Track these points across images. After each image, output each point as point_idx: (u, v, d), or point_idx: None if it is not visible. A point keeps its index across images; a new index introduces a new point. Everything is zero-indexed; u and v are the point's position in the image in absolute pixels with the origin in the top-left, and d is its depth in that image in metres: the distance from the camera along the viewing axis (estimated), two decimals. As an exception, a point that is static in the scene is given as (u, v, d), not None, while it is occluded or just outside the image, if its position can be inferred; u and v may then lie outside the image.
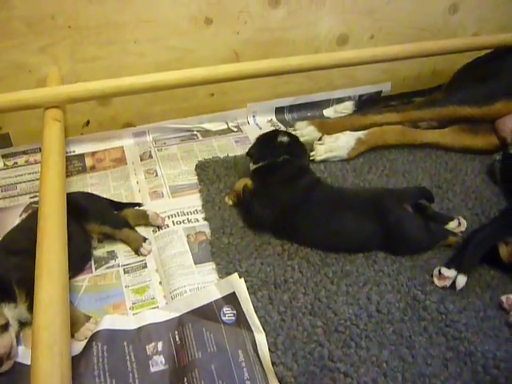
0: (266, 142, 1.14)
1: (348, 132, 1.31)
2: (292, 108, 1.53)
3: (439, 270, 0.95)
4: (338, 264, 0.99)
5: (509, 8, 1.64)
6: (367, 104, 1.59)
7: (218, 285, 0.89)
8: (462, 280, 0.94)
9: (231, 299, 0.87)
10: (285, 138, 1.12)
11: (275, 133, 1.16)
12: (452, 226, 1.07)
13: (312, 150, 1.29)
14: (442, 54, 1.43)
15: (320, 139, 1.30)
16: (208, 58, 1.34)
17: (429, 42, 1.41)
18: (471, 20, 1.61)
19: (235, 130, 1.43)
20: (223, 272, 0.96)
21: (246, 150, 1.17)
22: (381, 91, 1.63)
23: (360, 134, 1.32)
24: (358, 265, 0.99)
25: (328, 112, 1.57)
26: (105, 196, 1.14)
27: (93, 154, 1.33)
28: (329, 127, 1.39)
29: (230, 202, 1.13)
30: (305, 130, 1.37)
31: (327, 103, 1.57)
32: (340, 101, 1.58)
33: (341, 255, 1.01)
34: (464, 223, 1.08)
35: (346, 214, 1.01)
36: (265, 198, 1.04)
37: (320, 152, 1.28)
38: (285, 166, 1.08)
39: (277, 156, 1.08)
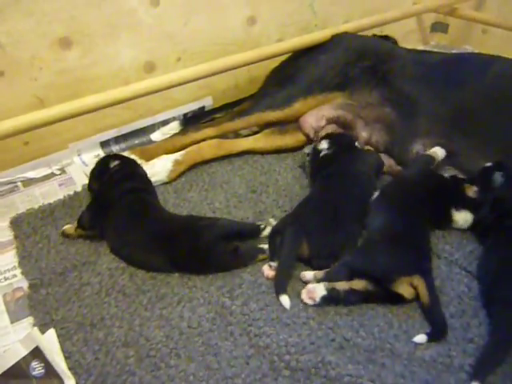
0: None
1: (164, 156, 1.37)
2: (118, 139, 1.56)
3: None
4: (153, 289, 1.04)
5: (305, 11, 1.80)
6: (193, 121, 1.66)
7: (23, 341, 0.90)
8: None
9: (38, 352, 0.88)
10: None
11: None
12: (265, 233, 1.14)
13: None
14: (250, 63, 1.53)
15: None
16: (11, 108, 1.32)
17: (232, 57, 1.48)
18: (272, 28, 1.74)
19: (58, 173, 1.43)
20: (40, 324, 0.97)
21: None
22: (203, 106, 1.70)
23: (177, 155, 1.38)
24: (173, 285, 1.05)
25: (155, 136, 1.61)
26: None
27: None
28: (151, 153, 1.43)
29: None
30: (127, 160, 1.41)
31: (153, 128, 1.62)
32: (166, 123, 1.63)
33: (158, 279, 1.06)
34: (272, 223, 1.17)
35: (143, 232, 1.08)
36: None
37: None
38: (115, 172, 1.20)
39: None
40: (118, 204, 1.15)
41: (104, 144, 1.54)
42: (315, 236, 1.05)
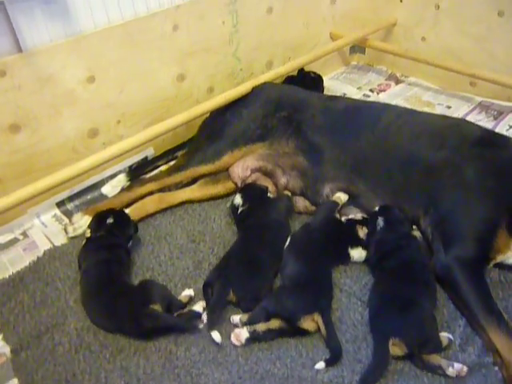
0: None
1: (113, 216, 1.59)
2: (72, 197, 1.75)
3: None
4: (114, 343, 1.26)
5: (230, 59, 2.01)
6: (138, 171, 1.87)
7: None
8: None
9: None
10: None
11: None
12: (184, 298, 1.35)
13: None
14: (187, 122, 1.74)
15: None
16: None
17: (168, 121, 1.68)
18: (201, 79, 1.95)
19: (21, 238, 1.63)
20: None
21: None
22: (146, 156, 1.91)
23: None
24: (129, 338, 1.28)
25: (106, 189, 1.81)
26: None
27: None
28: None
29: None
30: (81, 221, 1.61)
31: (102, 182, 1.82)
32: (113, 176, 1.84)
33: (117, 334, 1.29)
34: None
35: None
36: None
37: (94, 241, 1.54)
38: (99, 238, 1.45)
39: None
40: (90, 270, 1.37)
41: (59, 204, 1.73)
42: (239, 284, 1.30)
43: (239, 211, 1.53)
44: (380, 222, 1.39)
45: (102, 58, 1.62)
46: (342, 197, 1.53)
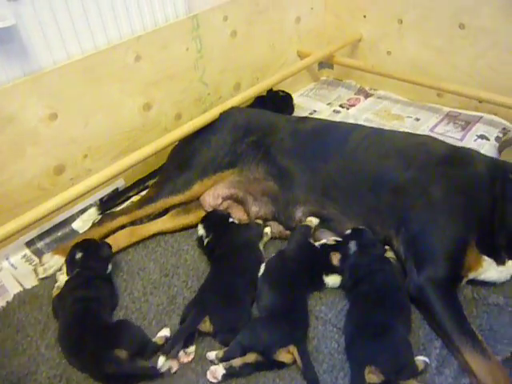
0: None
1: (83, 255, 1.56)
2: (42, 235, 1.72)
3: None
4: (87, 390, 1.25)
5: (196, 85, 2.00)
6: (109, 203, 1.85)
7: None
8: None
9: None
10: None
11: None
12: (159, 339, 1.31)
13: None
14: (155, 153, 1.71)
15: (60, 269, 1.53)
16: None
17: (135, 154, 1.65)
18: (168, 107, 1.94)
19: (-10, 281, 1.59)
20: None
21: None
22: (117, 188, 1.89)
23: (95, 250, 1.57)
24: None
25: (77, 224, 1.78)
26: None
27: None
28: (73, 248, 1.61)
29: None
30: (52, 261, 1.57)
31: (73, 218, 1.79)
32: (84, 210, 1.81)
33: (89, 378, 1.27)
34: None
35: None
36: None
37: (63, 281, 1.50)
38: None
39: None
40: (66, 310, 1.34)
41: (29, 243, 1.70)
42: (216, 314, 1.29)
43: (205, 242, 1.52)
44: (352, 245, 1.39)
45: (63, 94, 1.59)
46: (313, 221, 1.52)
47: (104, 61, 1.66)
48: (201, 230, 1.55)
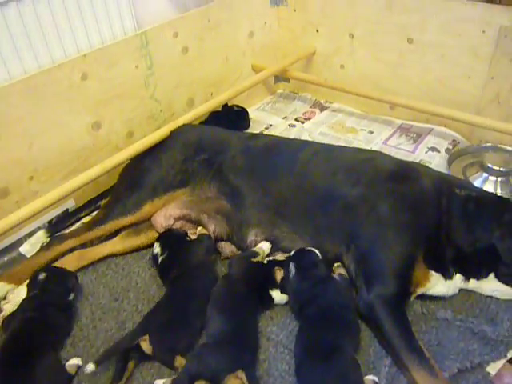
0: None
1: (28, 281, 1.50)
2: (-14, 261, 1.66)
3: None
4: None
5: (148, 102, 1.97)
6: (59, 225, 1.79)
7: None
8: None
9: None
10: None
11: None
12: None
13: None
14: (105, 173, 1.68)
15: (5, 298, 1.47)
16: None
17: (85, 174, 1.62)
18: (119, 125, 1.90)
19: None
20: None
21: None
22: (67, 209, 1.83)
23: (41, 276, 1.51)
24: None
25: (24, 248, 1.71)
26: None
27: None
28: (19, 275, 1.54)
29: None
30: (-5, 289, 1.52)
31: (20, 241, 1.72)
32: (32, 234, 1.75)
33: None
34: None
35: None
36: None
37: (9, 311, 1.44)
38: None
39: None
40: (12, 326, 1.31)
41: (-27, 269, 1.63)
42: (155, 334, 1.26)
43: (160, 261, 1.49)
44: (292, 268, 1.38)
45: (4, 115, 1.53)
46: (264, 247, 1.50)
47: (48, 80, 1.61)
48: (156, 248, 1.52)
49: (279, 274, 1.40)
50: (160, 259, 1.50)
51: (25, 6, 1.56)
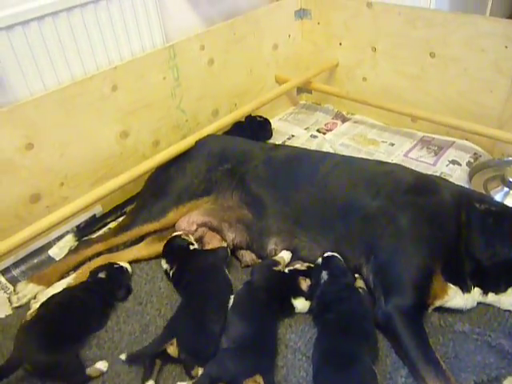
0: None
1: (57, 283, 1.56)
2: (17, 263, 1.72)
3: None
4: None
5: (174, 112, 2.04)
6: (86, 230, 1.86)
7: None
8: None
9: None
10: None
11: None
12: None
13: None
14: (132, 181, 1.75)
15: (35, 297, 1.53)
16: None
17: (112, 182, 1.69)
18: (145, 134, 1.97)
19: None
20: None
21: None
22: (94, 214, 1.90)
23: (69, 279, 1.58)
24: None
25: (53, 251, 1.79)
26: None
27: None
28: (48, 277, 1.61)
29: None
30: (26, 290, 1.58)
31: (49, 244, 1.79)
32: (60, 237, 1.82)
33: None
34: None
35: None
36: None
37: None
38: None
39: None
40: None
41: (5, 271, 1.70)
42: (183, 336, 1.30)
43: (171, 274, 1.54)
44: (324, 275, 1.41)
45: (39, 125, 1.61)
46: (285, 256, 1.54)
47: (80, 91, 1.69)
48: (164, 265, 1.57)
49: (304, 284, 1.43)
50: (171, 273, 1.55)
51: (60, 21, 1.64)
